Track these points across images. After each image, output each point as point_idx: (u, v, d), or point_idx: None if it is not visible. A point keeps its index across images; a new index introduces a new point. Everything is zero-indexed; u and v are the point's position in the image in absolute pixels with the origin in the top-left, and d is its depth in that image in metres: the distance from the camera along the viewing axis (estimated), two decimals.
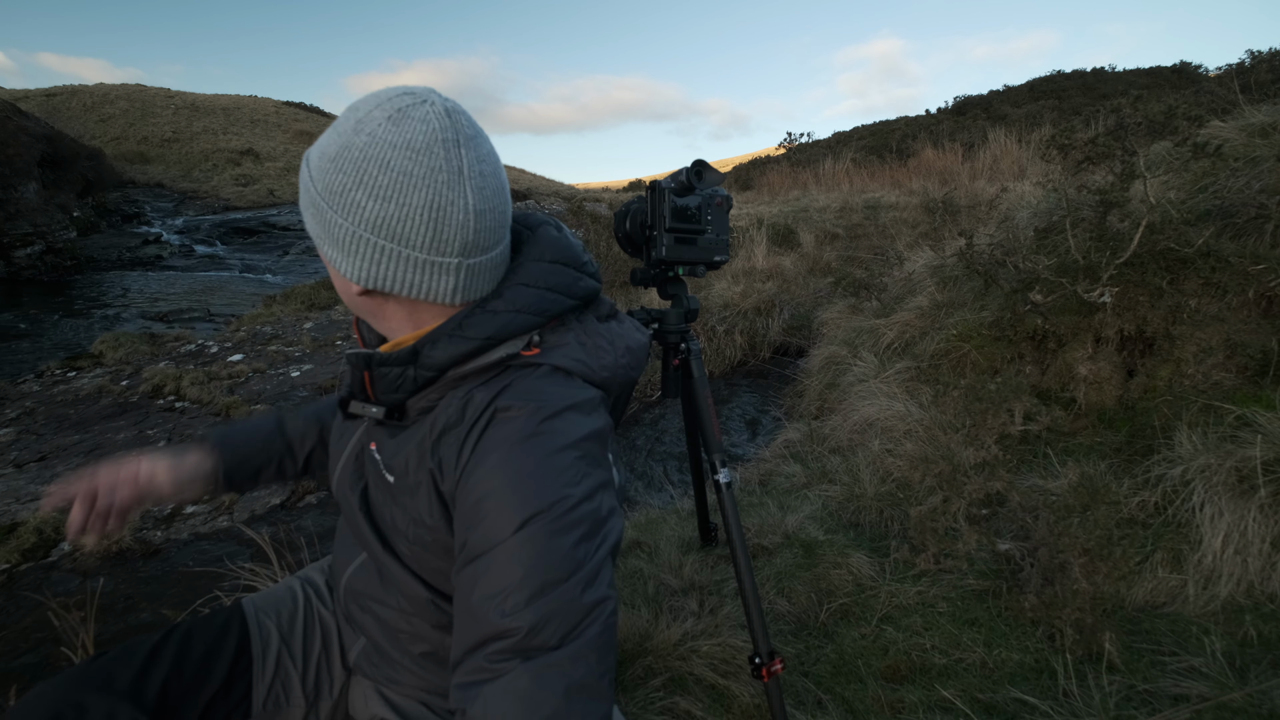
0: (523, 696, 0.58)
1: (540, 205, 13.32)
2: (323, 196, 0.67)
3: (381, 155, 0.64)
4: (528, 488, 0.63)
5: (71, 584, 2.47)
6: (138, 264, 10.84)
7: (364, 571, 0.84)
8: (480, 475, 0.65)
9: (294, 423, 1.03)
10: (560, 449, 0.65)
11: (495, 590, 0.61)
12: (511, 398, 0.68)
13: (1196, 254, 2.35)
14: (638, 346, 0.81)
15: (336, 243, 0.68)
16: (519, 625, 0.59)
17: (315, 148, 0.69)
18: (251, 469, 0.98)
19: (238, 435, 0.99)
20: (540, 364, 0.71)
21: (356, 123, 0.65)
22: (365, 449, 0.81)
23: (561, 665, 0.60)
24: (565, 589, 0.61)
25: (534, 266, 0.74)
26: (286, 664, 0.89)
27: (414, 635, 0.81)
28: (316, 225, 0.70)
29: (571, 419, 0.68)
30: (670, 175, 1.28)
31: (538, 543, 0.61)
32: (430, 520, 0.71)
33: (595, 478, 0.67)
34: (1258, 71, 6.83)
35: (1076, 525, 1.82)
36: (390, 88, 0.68)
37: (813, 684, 1.54)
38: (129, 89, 24.66)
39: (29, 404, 4.29)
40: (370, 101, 0.66)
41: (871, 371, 3.31)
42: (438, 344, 0.70)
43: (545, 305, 0.73)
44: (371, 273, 0.68)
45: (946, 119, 16.12)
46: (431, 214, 0.65)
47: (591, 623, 0.62)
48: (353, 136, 0.65)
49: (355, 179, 0.64)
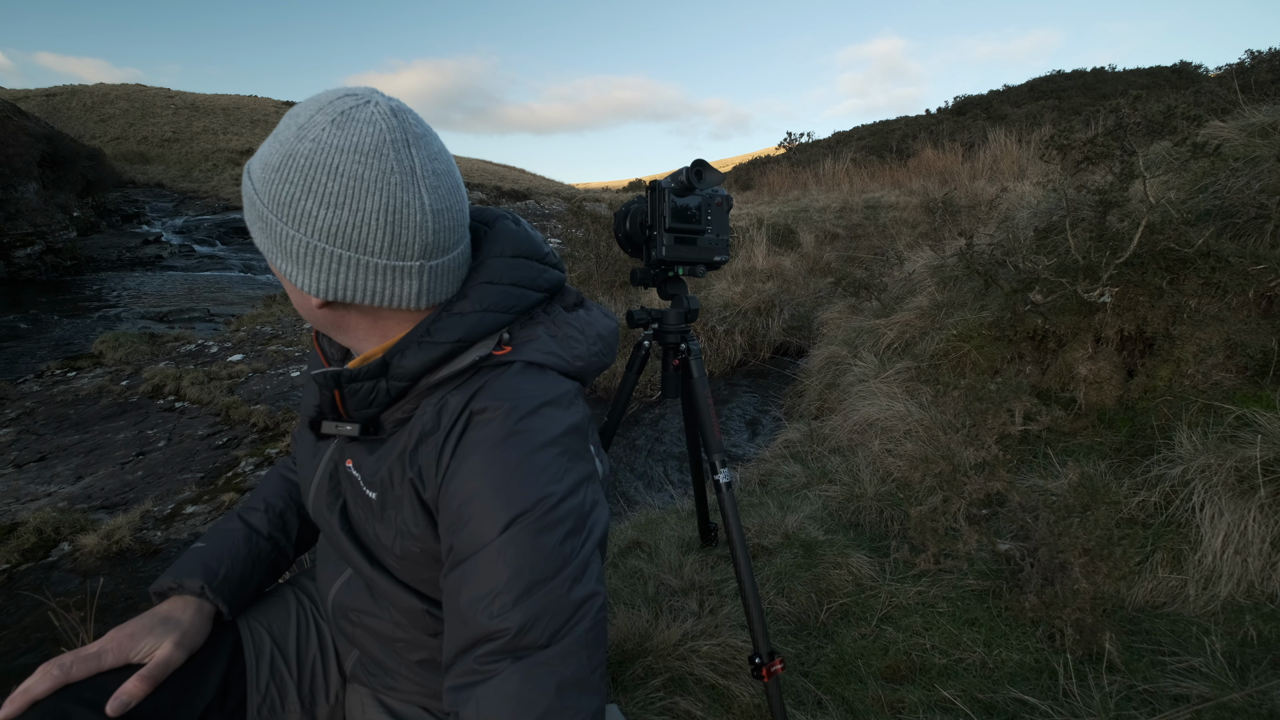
0: (514, 696, 0.59)
1: (540, 205, 13.33)
2: (270, 208, 0.64)
3: (329, 161, 0.61)
4: (510, 489, 0.62)
5: (71, 584, 2.47)
6: (138, 264, 10.84)
7: (351, 587, 0.82)
8: (461, 479, 0.64)
9: (261, 517, 0.92)
10: (540, 447, 0.65)
11: (483, 592, 0.61)
12: (486, 399, 0.67)
13: (1196, 254, 2.35)
14: (608, 333, 0.81)
15: (290, 255, 0.65)
16: (508, 626, 0.60)
17: (256, 159, 0.66)
18: (251, 588, 0.88)
19: (219, 564, 0.85)
20: (512, 361, 0.70)
21: (299, 129, 0.62)
22: (340, 467, 0.79)
23: (552, 663, 0.60)
24: (552, 587, 0.61)
25: (496, 263, 0.73)
26: (281, 670, 0.87)
27: (410, 644, 0.80)
28: (266, 239, 0.66)
29: (549, 415, 0.68)
30: (670, 175, 1.28)
31: (523, 542, 0.61)
32: (416, 530, 0.70)
33: (577, 472, 0.67)
34: (1258, 71, 6.83)
35: (1076, 525, 1.82)
36: (329, 90, 0.65)
37: (813, 684, 1.54)
38: (129, 89, 24.67)
39: (29, 404, 4.29)
40: (310, 106, 0.64)
41: (871, 371, 3.31)
42: (407, 353, 0.68)
43: (512, 301, 0.72)
44: (330, 283, 0.65)
45: (946, 119, 16.12)
46: (388, 217, 0.63)
47: (580, 619, 0.63)
48: (296, 144, 0.62)
49: (303, 188, 0.62)
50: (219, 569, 0.84)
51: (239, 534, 0.89)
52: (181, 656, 0.76)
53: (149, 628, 0.76)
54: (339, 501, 0.79)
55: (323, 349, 0.81)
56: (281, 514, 0.94)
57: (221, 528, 0.91)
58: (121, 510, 2.93)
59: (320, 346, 0.81)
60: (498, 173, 25.05)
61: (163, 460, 3.49)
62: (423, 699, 0.84)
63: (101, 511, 2.98)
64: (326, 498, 0.80)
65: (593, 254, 6.08)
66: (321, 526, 0.83)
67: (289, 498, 0.96)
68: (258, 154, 0.66)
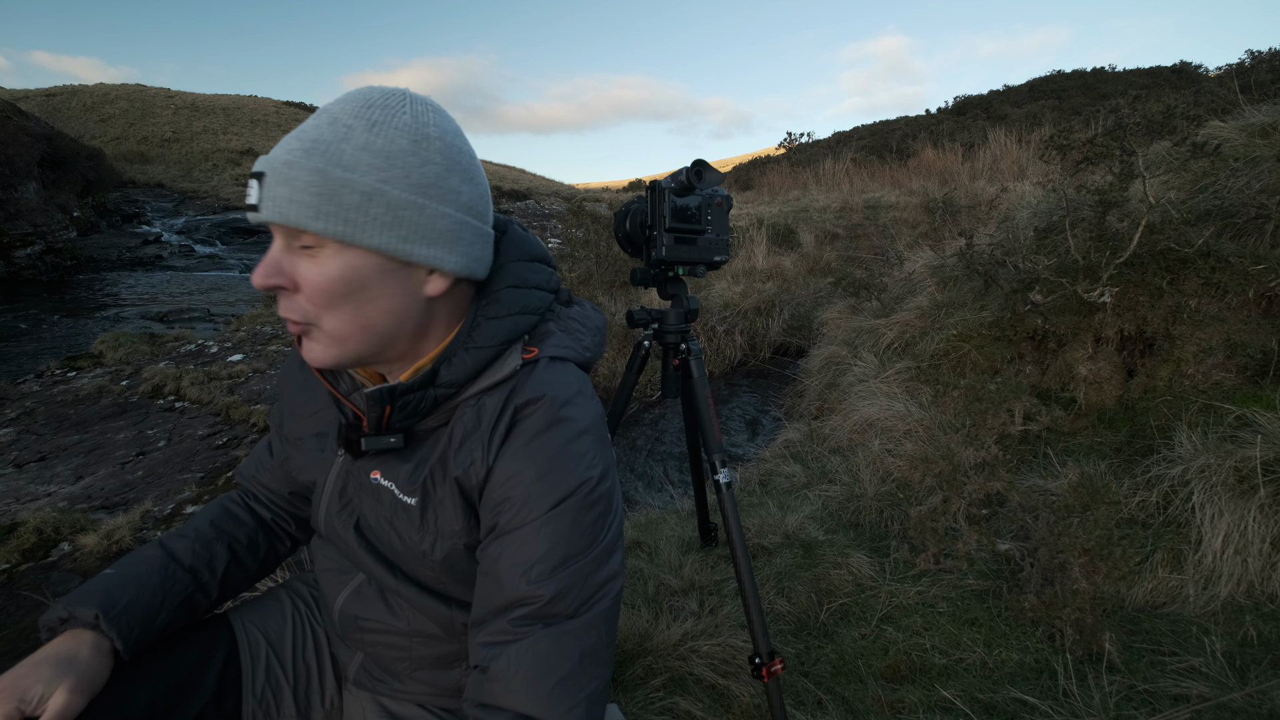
0: (543, 657, 0.65)
1: (540, 205, 13.32)
2: (413, 192, 0.63)
3: (454, 141, 0.67)
4: (555, 474, 0.68)
5: (71, 584, 2.46)
6: (138, 264, 10.84)
7: (361, 596, 0.82)
8: (508, 464, 0.68)
9: (185, 545, 0.84)
10: (579, 434, 0.70)
11: (522, 560, 0.67)
12: (527, 393, 0.70)
13: (1196, 254, 2.35)
14: (601, 326, 0.86)
15: (438, 236, 0.65)
16: (542, 594, 0.66)
17: (349, 152, 0.61)
18: (158, 625, 0.77)
19: (122, 593, 0.75)
20: (538, 359, 0.73)
21: (414, 116, 0.64)
22: (357, 480, 0.78)
23: (577, 632, 0.67)
24: (583, 563, 0.68)
25: (517, 267, 0.76)
26: (277, 673, 0.87)
27: (427, 645, 0.81)
28: (396, 230, 0.62)
29: (582, 404, 0.72)
30: (670, 175, 1.28)
31: (564, 520, 0.67)
32: (458, 526, 0.72)
33: (606, 459, 0.73)
34: (1258, 71, 6.83)
35: (1076, 525, 1.82)
36: (377, 87, 0.66)
37: (813, 684, 1.54)
38: (129, 89, 24.67)
39: (29, 404, 4.29)
40: (390, 99, 0.64)
41: (871, 371, 3.31)
42: (454, 360, 0.70)
43: (536, 303, 0.76)
44: (471, 254, 0.70)
45: (947, 119, 16.13)
46: (484, 189, 0.72)
47: (602, 597, 0.70)
48: (419, 127, 0.64)
49: (446, 166, 0.66)
50: (121, 598, 0.74)
51: (155, 561, 0.81)
52: (81, 703, 0.67)
53: (38, 672, 0.66)
54: (353, 517, 0.80)
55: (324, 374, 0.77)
56: (210, 545, 0.86)
57: (137, 554, 0.82)
58: (121, 510, 2.93)
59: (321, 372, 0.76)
60: (497, 172, 25.05)
61: (163, 460, 3.49)
62: (423, 697, 0.84)
63: (101, 511, 2.98)
64: (339, 515, 0.80)
65: (593, 254, 6.08)
66: (335, 541, 0.83)
67: (225, 530, 0.88)
68: (348, 149, 0.61)
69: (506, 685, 0.64)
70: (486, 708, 0.65)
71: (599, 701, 0.68)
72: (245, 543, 0.90)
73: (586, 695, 0.66)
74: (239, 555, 0.88)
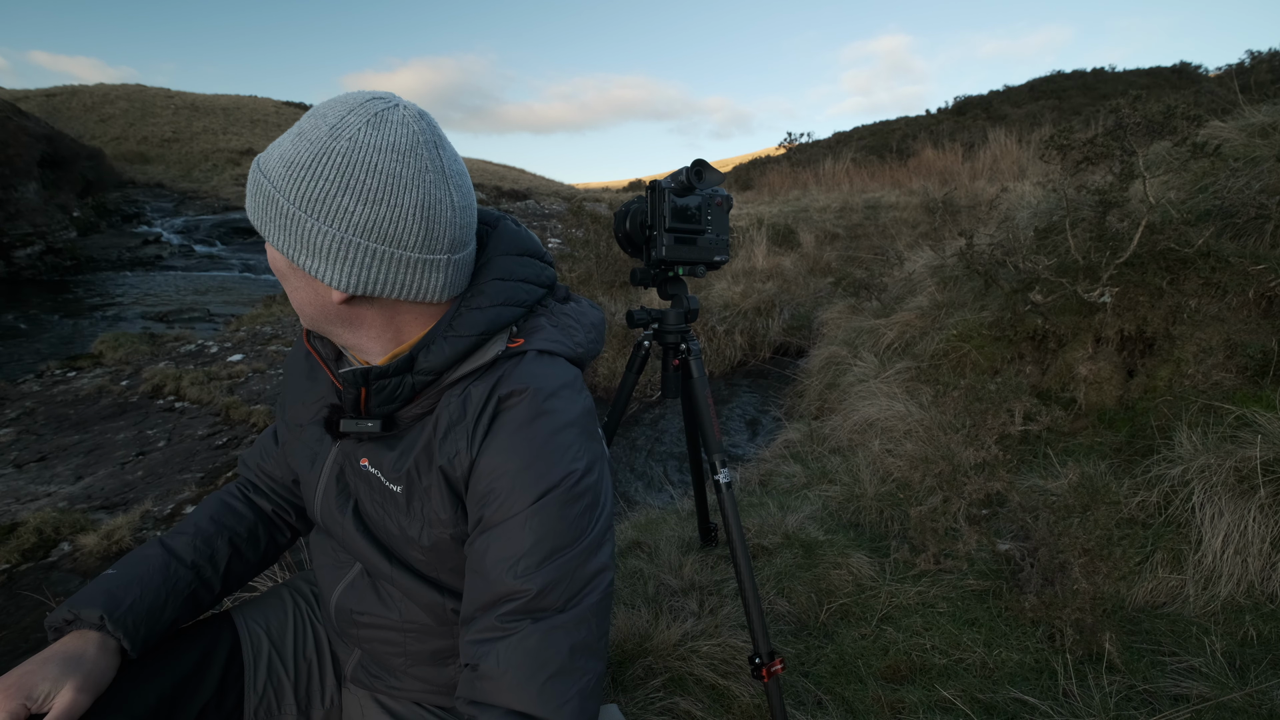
0: (533, 653, 0.65)
1: (540, 205, 13.32)
2: (298, 205, 0.65)
3: (368, 159, 0.63)
4: (539, 465, 0.67)
5: (71, 584, 2.47)
6: (138, 264, 10.84)
7: (356, 589, 0.83)
8: (492, 456, 0.68)
9: (186, 542, 0.85)
10: (564, 427, 0.70)
11: (508, 554, 0.66)
12: (512, 384, 0.70)
13: (1196, 254, 2.35)
14: (599, 322, 0.85)
15: (317, 251, 0.66)
16: (529, 587, 0.65)
17: (274, 157, 0.66)
18: (164, 623, 0.79)
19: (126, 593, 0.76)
20: (526, 351, 0.74)
21: (331, 128, 0.64)
22: (348, 467, 0.80)
23: (567, 626, 0.66)
24: (570, 556, 0.68)
25: (505, 260, 0.76)
26: (279, 671, 0.87)
27: (421, 638, 0.81)
28: (286, 236, 0.66)
29: (568, 397, 0.72)
30: (670, 175, 1.28)
31: (549, 513, 0.67)
32: (444, 515, 0.72)
33: (593, 452, 0.72)
34: (1258, 72, 6.83)
35: (1076, 525, 1.82)
36: (353, 93, 0.67)
37: (813, 684, 1.54)
38: (129, 89, 24.66)
39: (29, 404, 4.29)
40: (339, 107, 0.65)
41: (871, 371, 3.31)
42: (432, 348, 0.70)
43: (522, 296, 0.76)
44: (363, 278, 0.67)
45: (947, 119, 16.13)
46: (423, 213, 0.66)
47: (592, 590, 0.69)
48: (330, 142, 0.63)
49: (339, 184, 0.63)
50: (124, 598, 0.75)
51: (156, 560, 0.82)
52: (87, 701, 0.68)
53: (45, 670, 0.67)
54: (350, 502, 0.80)
55: (317, 350, 0.80)
56: (210, 540, 0.86)
57: (138, 553, 0.83)
58: (121, 510, 2.93)
59: (314, 347, 0.80)
60: (497, 172, 25.03)
61: (163, 460, 3.49)
62: (420, 694, 0.84)
63: (101, 511, 2.98)
64: (336, 500, 0.81)
65: (593, 254, 6.08)
66: (331, 529, 0.83)
67: (225, 525, 0.89)
68: (275, 152, 0.66)
69: (497, 682, 0.64)
70: (478, 705, 0.65)
71: (592, 696, 0.67)
72: (245, 536, 0.91)
73: (579, 689, 0.66)
74: (240, 549, 0.90)
